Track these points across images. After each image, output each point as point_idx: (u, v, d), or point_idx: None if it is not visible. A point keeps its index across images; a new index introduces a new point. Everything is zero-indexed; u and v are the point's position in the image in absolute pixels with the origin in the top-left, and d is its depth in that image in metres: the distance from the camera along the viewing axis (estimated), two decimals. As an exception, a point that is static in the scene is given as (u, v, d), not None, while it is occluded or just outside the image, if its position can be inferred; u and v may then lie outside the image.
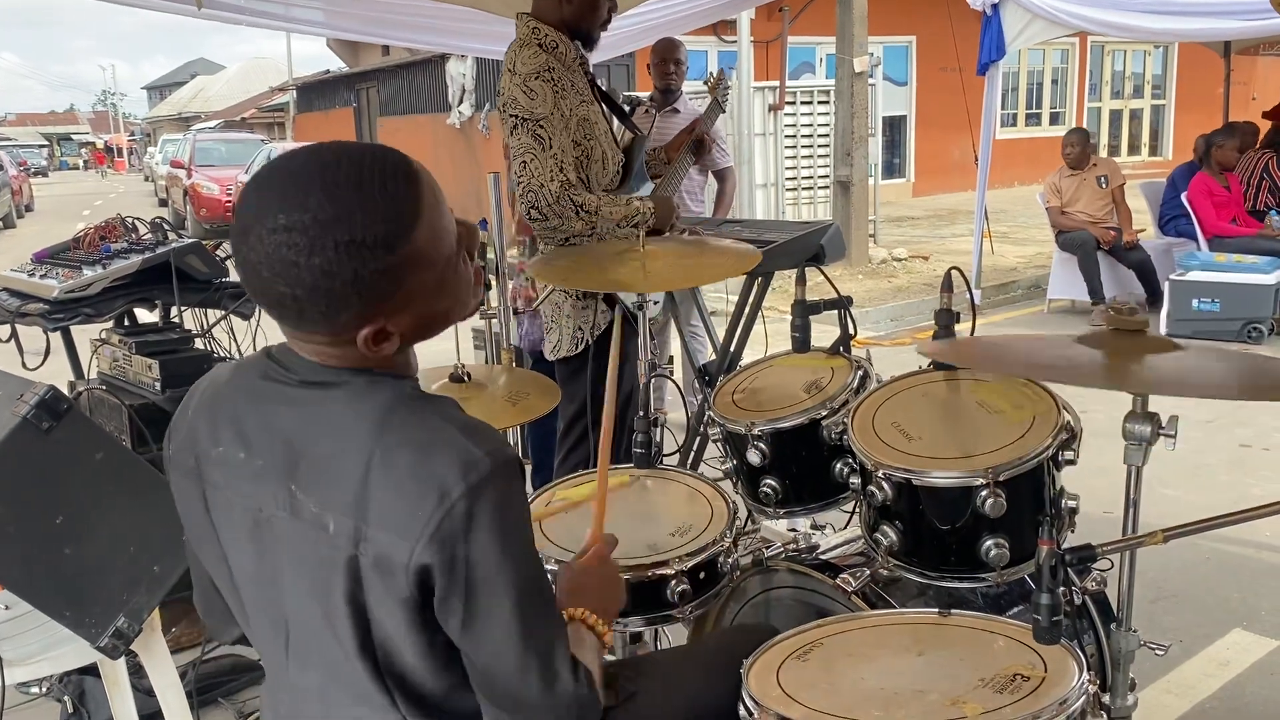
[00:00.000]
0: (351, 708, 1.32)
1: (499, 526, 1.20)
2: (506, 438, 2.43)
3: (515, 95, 2.88)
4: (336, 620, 1.26)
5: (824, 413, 2.19)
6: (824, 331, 2.33)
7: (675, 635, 2.39)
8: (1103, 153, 16.77)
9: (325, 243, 1.15)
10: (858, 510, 2.16)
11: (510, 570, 1.22)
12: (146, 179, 33.31)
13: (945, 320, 2.16)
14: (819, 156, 11.76)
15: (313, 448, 1.24)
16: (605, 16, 3.08)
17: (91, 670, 2.66)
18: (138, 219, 3.48)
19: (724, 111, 3.74)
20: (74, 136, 71.08)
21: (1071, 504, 1.94)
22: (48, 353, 3.29)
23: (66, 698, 2.80)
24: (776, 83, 11.44)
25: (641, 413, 2.48)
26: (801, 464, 2.24)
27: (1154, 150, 20.10)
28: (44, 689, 2.90)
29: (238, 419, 1.31)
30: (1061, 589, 1.44)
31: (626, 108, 3.46)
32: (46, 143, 64.74)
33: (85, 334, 3.42)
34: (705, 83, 3.96)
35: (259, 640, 1.41)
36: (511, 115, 2.90)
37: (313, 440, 1.25)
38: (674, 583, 1.97)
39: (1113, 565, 1.76)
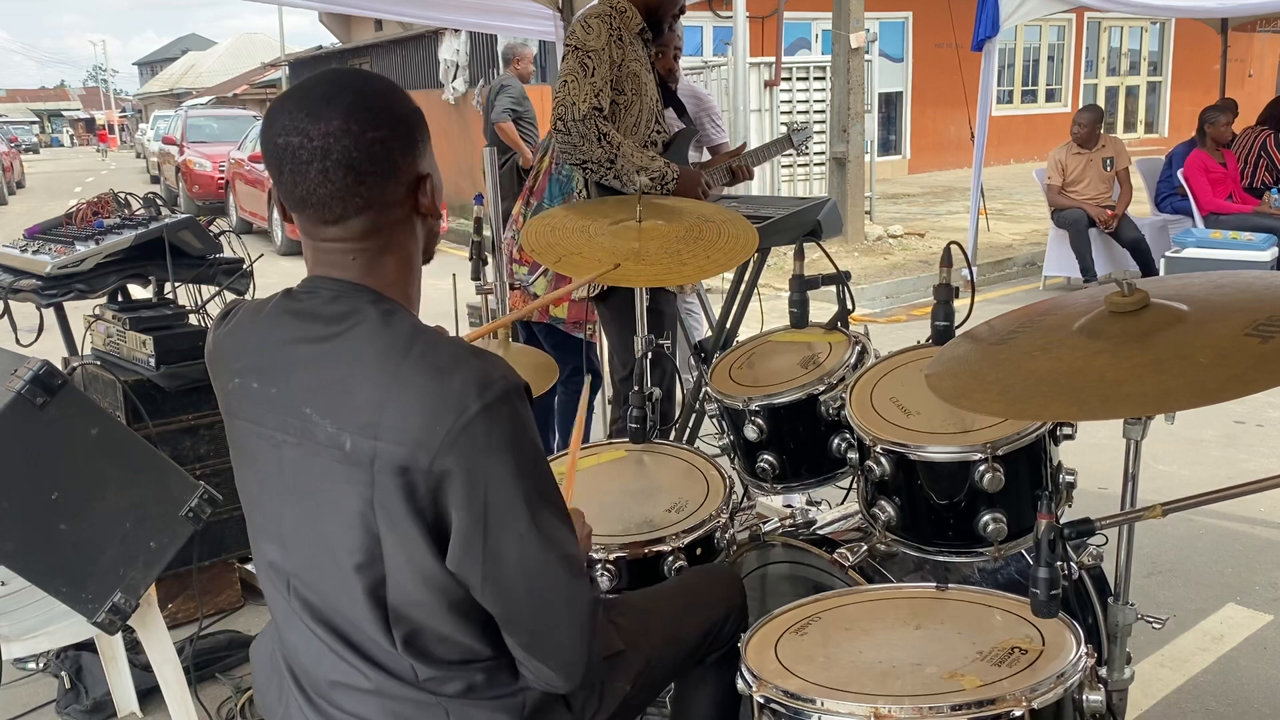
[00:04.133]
0: (352, 628, 1.35)
1: (514, 439, 1.27)
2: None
3: (575, 29, 3.09)
4: (339, 541, 1.30)
5: (821, 388, 2.19)
6: (819, 308, 2.32)
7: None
8: (1099, 130, 16.67)
9: (388, 106, 1.33)
10: (855, 485, 2.16)
11: (527, 480, 1.29)
12: (138, 156, 33.10)
13: (944, 295, 2.16)
14: (815, 133, 11.71)
15: (331, 373, 1.30)
16: (676, 11, 3.29)
17: (88, 646, 2.67)
18: (130, 194, 3.46)
19: (796, 151, 3.86)
20: (65, 113, 70.58)
21: (1069, 479, 1.95)
22: (41, 329, 3.27)
23: (64, 673, 2.81)
24: (772, 58, 11.37)
25: (637, 388, 2.48)
26: (799, 439, 2.24)
27: (1150, 127, 20.05)
28: (41, 665, 2.90)
29: (253, 352, 1.38)
30: (1059, 563, 1.45)
31: None
32: (37, 119, 64.29)
33: (79, 310, 3.40)
34: (787, 124, 4.07)
35: (265, 569, 1.45)
36: (567, 45, 3.09)
37: (331, 366, 1.30)
38: (671, 558, 1.97)
39: (1107, 540, 1.76)
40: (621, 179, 3.00)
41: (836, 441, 2.19)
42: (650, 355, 2.64)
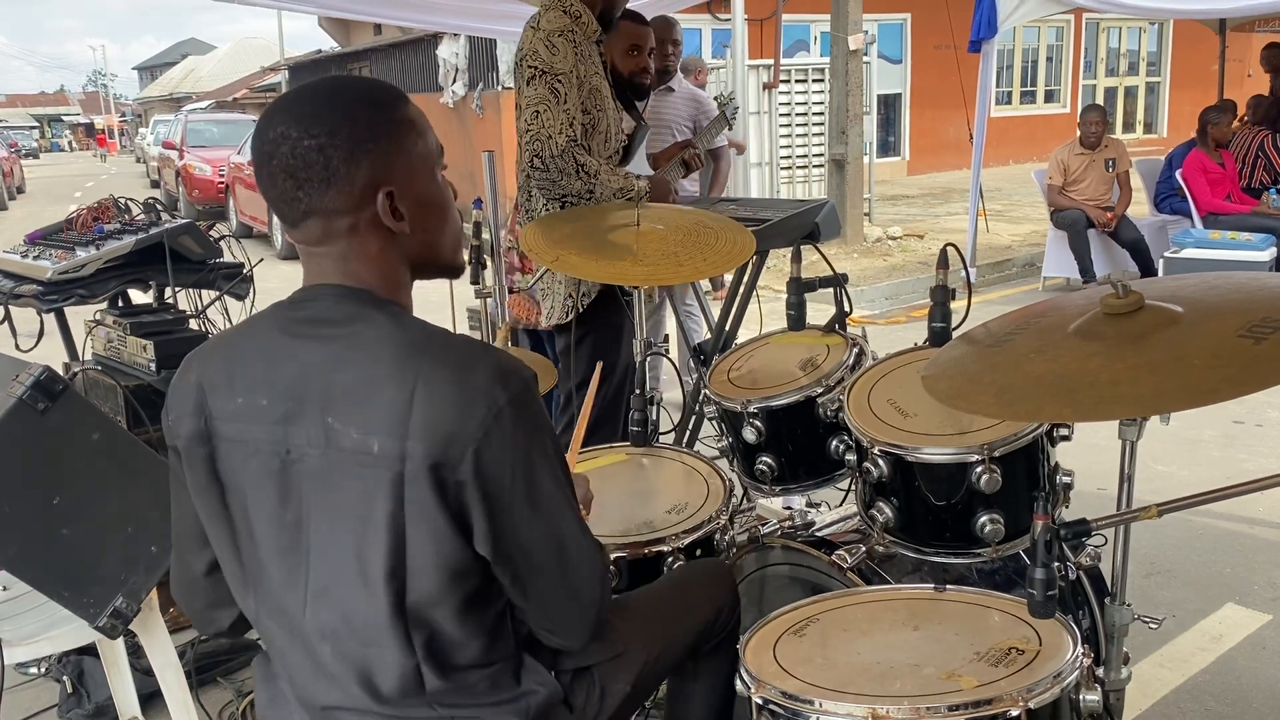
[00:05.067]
0: (365, 649, 1.34)
1: (538, 426, 1.34)
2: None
3: (537, 48, 2.95)
4: (368, 550, 1.30)
5: (819, 390, 2.19)
6: (819, 310, 2.33)
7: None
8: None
9: (332, 111, 1.30)
10: (853, 487, 2.16)
11: (550, 462, 1.35)
12: (138, 160, 33.11)
13: (941, 297, 2.17)
14: (813, 135, 11.72)
15: (348, 380, 1.29)
16: (625, 2, 3.23)
17: (90, 650, 2.67)
18: (130, 199, 3.46)
19: (730, 127, 3.86)
20: (64, 117, 70.59)
21: (1066, 479, 1.95)
22: (42, 334, 3.28)
23: (65, 678, 2.81)
24: (771, 61, 11.38)
25: (638, 391, 2.49)
26: (797, 441, 2.25)
27: (1149, 128, 20.06)
28: (43, 669, 2.91)
29: (258, 367, 1.35)
30: (1056, 564, 1.45)
31: None
32: (37, 124, 64.29)
33: (79, 315, 3.41)
34: (716, 99, 4.11)
35: (271, 593, 1.41)
36: (530, 67, 2.96)
37: (347, 373, 1.30)
38: (670, 559, 1.98)
39: (1106, 541, 1.76)
40: (600, 202, 2.99)
41: (835, 443, 2.20)
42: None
